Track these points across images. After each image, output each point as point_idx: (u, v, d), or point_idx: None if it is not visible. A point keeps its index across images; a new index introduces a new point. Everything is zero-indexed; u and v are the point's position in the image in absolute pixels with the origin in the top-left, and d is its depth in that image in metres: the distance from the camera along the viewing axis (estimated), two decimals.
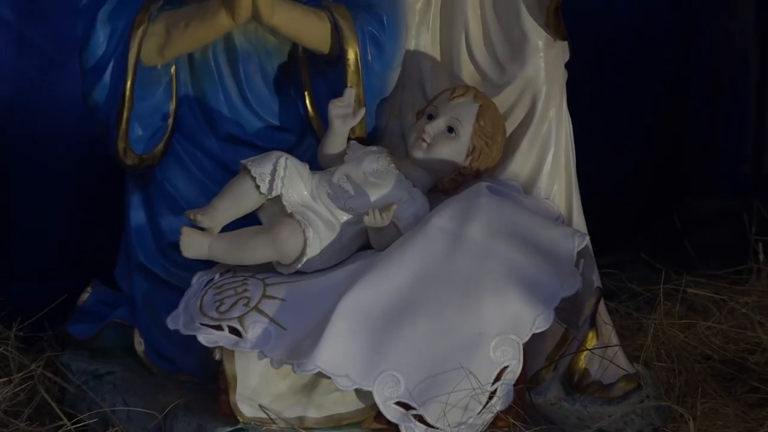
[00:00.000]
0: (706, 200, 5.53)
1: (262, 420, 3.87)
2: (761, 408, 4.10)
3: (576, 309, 4.04)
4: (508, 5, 4.15)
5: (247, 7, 3.92)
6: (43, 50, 5.04)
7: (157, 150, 4.14)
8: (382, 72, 4.13)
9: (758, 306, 4.46)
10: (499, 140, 4.10)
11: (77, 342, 4.29)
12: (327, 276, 3.96)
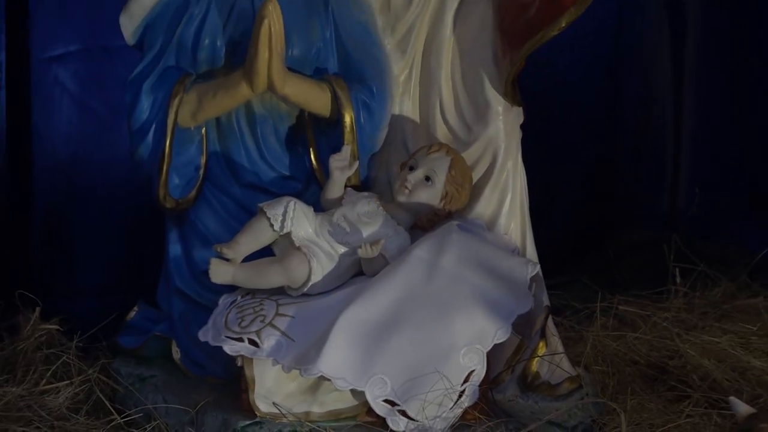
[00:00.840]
0: (632, 234, 5.54)
1: (275, 414, 3.88)
2: (679, 403, 4.10)
3: (529, 323, 4.06)
4: (473, 78, 4.17)
5: (263, 80, 3.95)
6: (101, 115, 5.04)
7: (191, 195, 4.15)
8: (372, 132, 4.16)
9: (676, 320, 4.49)
10: (467, 187, 4.12)
11: (126, 351, 4.30)
12: (328, 297, 3.97)
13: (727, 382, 4.19)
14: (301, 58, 4.09)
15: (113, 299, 4.59)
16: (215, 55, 4.11)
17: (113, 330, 4.37)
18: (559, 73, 5.21)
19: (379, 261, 3.99)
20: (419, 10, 4.20)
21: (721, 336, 4.35)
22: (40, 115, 5.06)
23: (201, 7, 4.09)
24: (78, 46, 5.07)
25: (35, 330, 4.34)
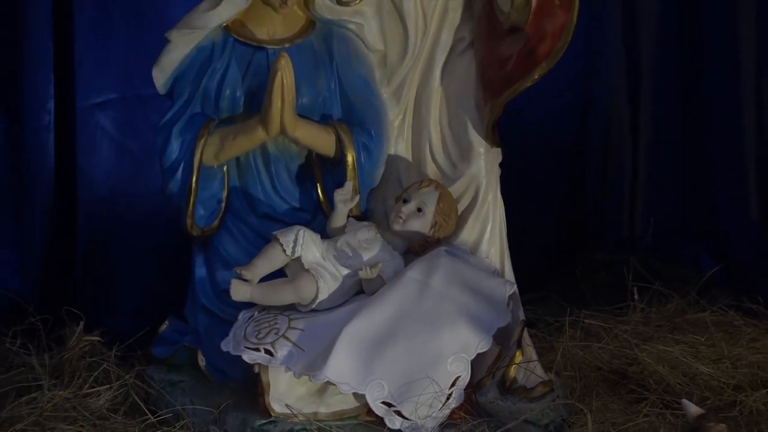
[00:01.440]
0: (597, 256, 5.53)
1: (288, 414, 3.88)
2: (637, 404, 4.10)
3: (507, 335, 4.05)
4: (458, 123, 4.17)
5: (276, 126, 3.95)
6: (136, 155, 5.04)
7: (214, 225, 4.14)
8: (371, 170, 4.15)
9: (634, 332, 4.48)
10: (453, 217, 4.12)
11: (158, 359, 4.29)
12: (333, 313, 3.97)
13: (679, 386, 4.18)
14: (309, 105, 4.09)
15: (147, 314, 4.58)
16: (235, 104, 4.10)
17: (147, 341, 4.37)
18: (533, 118, 5.21)
19: (378, 281, 3.99)
20: (411, 65, 4.20)
21: (674, 346, 4.35)
22: (84, 155, 5.06)
23: (223, 62, 4.09)
24: (116, 94, 5.08)
25: (80, 341, 4.34)
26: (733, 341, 4.39)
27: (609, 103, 5.56)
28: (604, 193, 5.64)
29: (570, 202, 5.57)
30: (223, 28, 4.12)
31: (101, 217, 5.09)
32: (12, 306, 4.68)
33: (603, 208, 5.65)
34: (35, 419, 3.90)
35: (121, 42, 5.05)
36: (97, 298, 5.03)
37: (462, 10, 4.18)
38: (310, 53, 4.12)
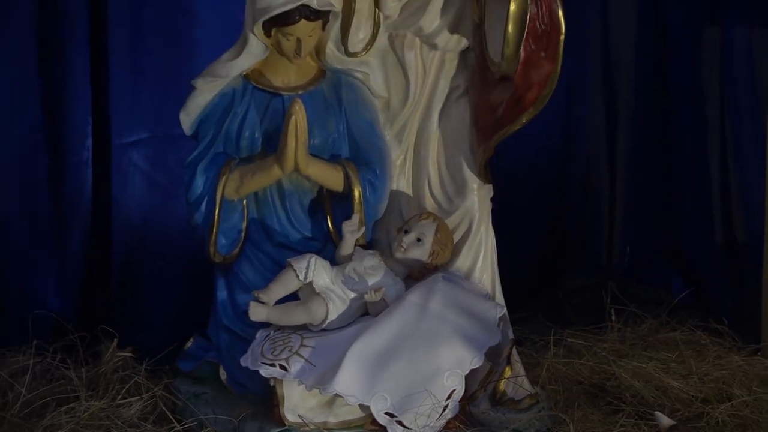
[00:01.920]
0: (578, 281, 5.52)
1: (300, 424, 3.87)
2: (615, 415, 4.07)
3: (498, 352, 4.04)
4: (454, 162, 4.17)
5: (291, 164, 3.95)
6: (165, 188, 5.04)
7: (234, 252, 4.13)
8: (376, 204, 4.15)
9: (612, 349, 4.46)
10: (449, 246, 4.11)
11: (183, 373, 4.27)
12: (341, 332, 3.95)
13: (652, 399, 4.15)
14: (320, 146, 4.08)
15: (174, 332, 4.55)
16: (254, 144, 4.09)
17: (174, 356, 4.35)
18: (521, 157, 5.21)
19: (381, 304, 3.98)
20: (412, 110, 4.19)
21: (647, 362, 4.32)
22: (118, 188, 5.06)
23: (243, 107, 4.09)
24: (148, 134, 5.08)
25: (113, 356, 4.32)
26: (700, 358, 4.37)
27: (589, 143, 5.56)
28: (584, 224, 5.63)
29: (554, 233, 5.57)
30: (243, 76, 4.12)
31: (134, 244, 5.08)
32: (53, 324, 4.66)
33: (583, 238, 5.64)
34: (73, 427, 3.89)
35: (152, 87, 5.05)
36: (129, 317, 5.01)
37: (457, 61, 4.18)
38: (321, 99, 4.12)
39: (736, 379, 4.22)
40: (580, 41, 5.34)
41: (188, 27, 5.04)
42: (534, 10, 3.85)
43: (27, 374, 4.20)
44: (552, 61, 3.89)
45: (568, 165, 5.52)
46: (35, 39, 4.97)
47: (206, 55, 4.57)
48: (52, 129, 5.02)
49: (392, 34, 4.17)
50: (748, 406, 4.07)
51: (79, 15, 4.98)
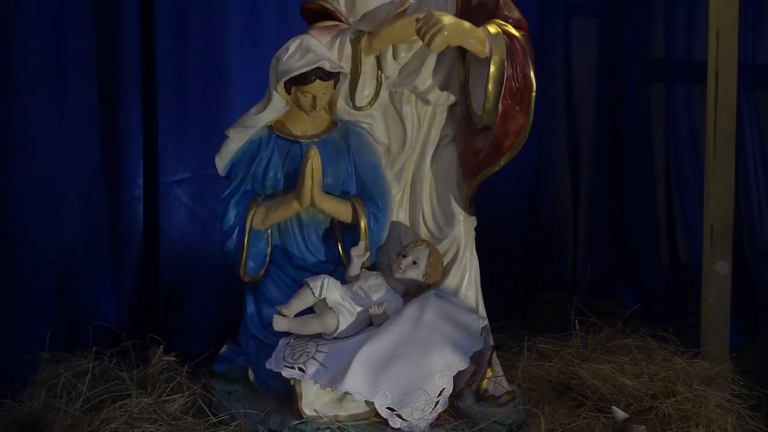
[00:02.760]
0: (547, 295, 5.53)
1: (315, 417, 3.83)
2: (579, 409, 4.05)
3: (481, 357, 4.02)
4: (444, 198, 4.14)
5: (308, 200, 3.94)
6: (204, 219, 5.04)
7: (261, 273, 4.10)
8: (379, 233, 4.11)
9: (576, 354, 4.42)
10: (440, 268, 4.08)
11: (218, 374, 4.23)
12: (349, 340, 3.92)
13: (610, 395, 4.12)
14: (332, 184, 4.06)
15: (211, 339, 4.52)
16: (277, 183, 4.07)
17: (211, 360, 4.31)
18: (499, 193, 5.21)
19: (383, 316, 3.95)
20: (408, 154, 4.17)
21: (606, 364, 4.28)
22: (165, 220, 5.05)
23: (268, 152, 4.07)
24: (190, 174, 5.07)
25: (160, 360, 4.28)
26: (650, 361, 4.32)
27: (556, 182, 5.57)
28: (552, 249, 5.63)
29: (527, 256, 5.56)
30: (267, 126, 4.10)
31: (177, 267, 5.06)
32: (109, 333, 4.63)
33: (551, 259, 5.64)
34: (125, 420, 3.85)
35: (194, 135, 5.05)
36: (173, 327, 4.99)
37: (446, 114, 4.16)
38: (332, 146, 4.09)
39: (680, 379, 4.18)
40: (548, 97, 5.35)
41: (223, 85, 5.04)
42: (510, 71, 3.85)
43: (87, 375, 4.16)
44: (525, 113, 3.89)
45: (538, 200, 5.52)
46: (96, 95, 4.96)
47: (237, 109, 4.59)
48: (110, 170, 5.02)
49: (392, 92, 4.15)
50: (690, 401, 4.04)
51: (134, 74, 4.99)
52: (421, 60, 4.06)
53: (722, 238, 4.54)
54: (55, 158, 4.90)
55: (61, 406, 3.99)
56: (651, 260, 5.45)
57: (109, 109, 4.97)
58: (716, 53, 4.48)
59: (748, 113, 5.16)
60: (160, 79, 4.97)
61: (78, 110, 4.93)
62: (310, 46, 3.98)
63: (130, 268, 5.03)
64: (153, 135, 5.01)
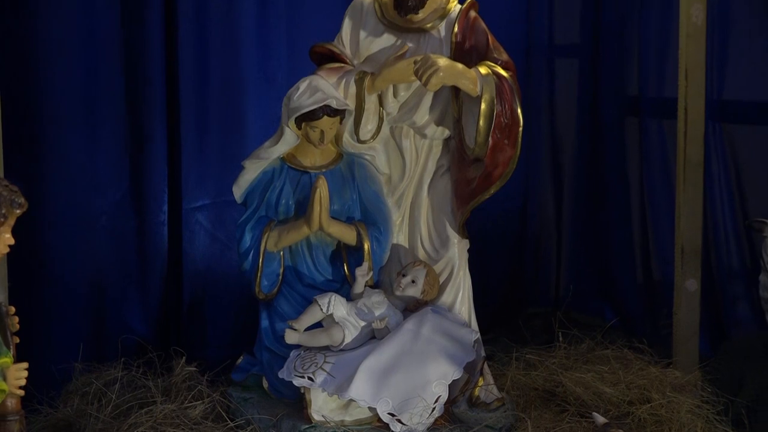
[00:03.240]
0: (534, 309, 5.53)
1: (323, 422, 3.83)
2: (562, 414, 4.04)
3: (473, 366, 4.01)
4: (440, 223, 4.13)
5: (316, 224, 3.94)
6: (223, 241, 5.02)
7: (274, 291, 4.09)
8: (381, 254, 4.10)
9: (560, 364, 4.40)
10: (436, 287, 4.07)
11: (235, 383, 4.22)
12: (354, 352, 3.91)
13: (591, 401, 4.11)
14: (338, 211, 4.05)
15: (229, 351, 4.53)
16: (288, 209, 4.07)
17: (228, 370, 4.30)
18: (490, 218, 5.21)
19: (385, 330, 3.94)
20: (407, 183, 4.17)
21: (587, 373, 4.26)
22: (187, 242, 5.03)
23: (280, 182, 4.07)
24: (210, 201, 5.05)
25: (182, 370, 4.26)
26: (627, 370, 4.31)
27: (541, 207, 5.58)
28: (538, 268, 5.63)
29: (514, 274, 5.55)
30: (280, 158, 4.10)
31: (198, 285, 5.03)
32: (137, 345, 4.64)
33: (537, 278, 5.64)
34: (151, 425, 3.85)
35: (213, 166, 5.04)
36: (194, 339, 4.96)
37: (442, 147, 4.16)
38: (339, 175, 4.09)
39: (654, 386, 4.17)
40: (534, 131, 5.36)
41: (240, 121, 5.03)
42: (499, 108, 3.86)
43: (116, 384, 4.16)
44: (513, 146, 3.91)
45: (525, 224, 5.53)
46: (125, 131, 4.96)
47: (253, 143, 4.59)
48: (137, 198, 5.01)
49: (392, 127, 4.15)
50: (663, 407, 4.03)
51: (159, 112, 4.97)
52: (418, 98, 4.07)
53: (691, 258, 4.54)
54: (87, 187, 4.89)
55: (92, 412, 3.99)
56: (627, 278, 5.44)
57: (137, 142, 4.97)
58: (685, 90, 4.50)
59: (714, 145, 5.15)
60: (183, 116, 4.97)
61: (108, 144, 4.92)
62: (318, 86, 3.99)
63: (155, 286, 5.01)
64: (176, 166, 5.01)
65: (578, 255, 5.57)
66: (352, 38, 4.12)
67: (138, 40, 4.89)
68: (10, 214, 3.11)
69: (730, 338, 5.06)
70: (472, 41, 4.01)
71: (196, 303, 5.02)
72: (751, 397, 4.29)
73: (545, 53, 5.42)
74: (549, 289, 5.56)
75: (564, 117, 5.50)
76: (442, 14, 4.05)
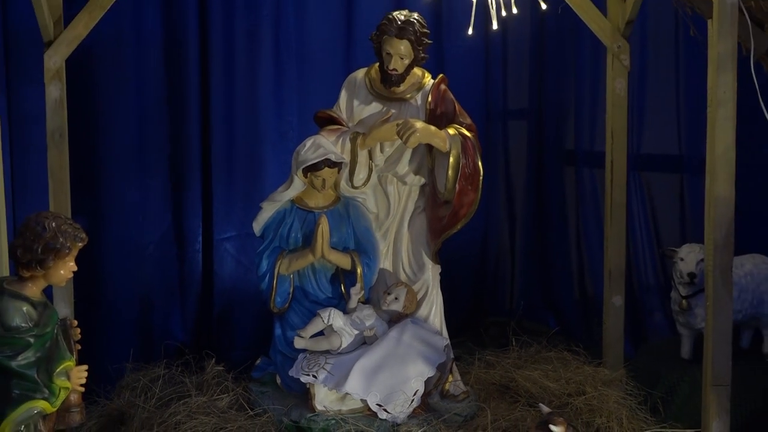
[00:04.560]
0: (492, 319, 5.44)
1: (325, 411, 3.79)
2: (515, 404, 4.00)
3: (444, 366, 3.96)
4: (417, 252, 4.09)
5: (319, 253, 3.92)
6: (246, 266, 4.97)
7: (285, 306, 4.05)
8: (370, 277, 4.06)
9: (513, 364, 4.35)
10: (414, 302, 4.03)
11: (255, 379, 4.16)
12: (349, 355, 3.87)
13: (538, 394, 4.07)
14: (337, 242, 4.02)
15: (250, 353, 4.49)
16: (297, 241, 4.04)
17: (249, 369, 4.25)
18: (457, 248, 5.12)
19: (374, 337, 3.91)
20: (391, 220, 4.13)
21: (534, 371, 4.23)
22: (218, 266, 5.00)
23: (290, 219, 4.04)
24: (236, 233, 5.02)
25: (212, 369, 4.20)
26: (566, 368, 4.27)
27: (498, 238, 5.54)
28: (495, 286, 5.58)
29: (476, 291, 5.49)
30: (290, 201, 4.08)
31: (226, 300, 4.99)
32: (176, 349, 4.60)
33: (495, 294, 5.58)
34: (187, 413, 3.81)
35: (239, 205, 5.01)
36: (223, 343, 4.92)
37: (419, 191, 4.14)
38: (337, 214, 4.06)
39: (588, 382, 4.14)
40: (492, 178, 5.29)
41: (259, 170, 5.01)
42: (464, 161, 3.86)
43: (159, 380, 4.11)
44: (475, 191, 3.90)
45: (485, 251, 5.49)
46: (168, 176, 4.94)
47: (269, 187, 4.56)
48: (178, 230, 4.99)
49: (380, 175, 4.13)
50: (595, 398, 4.00)
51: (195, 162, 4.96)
52: (400, 153, 4.05)
53: (617, 279, 4.52)
54: (138, 222, 4.88)
55: (140, 403, 3.95)
56: (567, 294, 5.41)
57: (178, 186, 4.96)
58: (611, 146, 4.49)
59: (635, 189, 5.16)
60: (214, 166, 4.96)
61: (155, 188, 4.91)
62: (320, 143, 3.97)
63: (192, 301, 4.97)
64: (209, 206, 4.99)
65: (528, 275, 5.53)
66: (347, 106, 4.11)
67: (179, 106, 4.89)
68: (73, 246, 3.09)
69: (648, 342, 5.04)
70: (443, 108, 4.00)
71: (224, 315, 4.97)
72: (665, 390, 4.28)
73: (500, 117, 5.43)
74: (505, 302, 5.52)
75: (516, 167, 5.49)
76: (418, 87, 4.05)
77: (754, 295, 4.33)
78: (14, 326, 2.99)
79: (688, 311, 4.35)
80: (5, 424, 2.98)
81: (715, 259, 3.57)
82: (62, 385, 3.05)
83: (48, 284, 3.11)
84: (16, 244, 3.04)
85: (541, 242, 5.49)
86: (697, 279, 4.26)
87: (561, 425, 3.19)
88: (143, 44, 4.79)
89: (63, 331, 3.13)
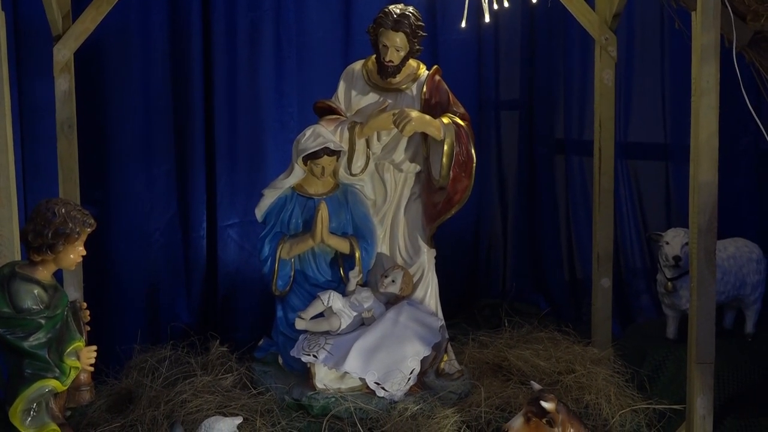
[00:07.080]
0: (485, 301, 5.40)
1: (325, 389, 3.79)
2: (507, 382, 4.01)
3: (439, 346, 3.96)
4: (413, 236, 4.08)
5: (319, 238, 3.92)
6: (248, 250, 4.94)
7: (287, 290, 4.04)
8: (368, 261, 4.05)
9: (505, 344, 4.34)
10: (411, 285, 4.02)
11: (257, 359, 4.17)
12: (348, 335, 3.87)
13: (529, 373, 4.07)
14: (336, 227, 4.02)
15: (253, 334, 4.49)
16: (297, 227, 4.03)
17: (252, 349, 4.25)
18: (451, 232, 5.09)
19: (371, 319, 3.91)
20: (388, 206, 4.12)
21: (526, 350, 4.23)
22: (222, 251, 4.98)
23: (291, 205, 4.03)
24: (239, 220, 5.00)
25: (217, 350, 4.20)
26: (556, 348, 4.27)
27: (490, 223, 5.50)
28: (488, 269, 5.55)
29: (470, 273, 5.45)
30: (291, 188, 4.07)
31: (229, 284, 4.97)
32: (182, 331, 4.57)
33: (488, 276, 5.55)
34: (193, 392, 3.81)
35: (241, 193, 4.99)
36: (227, 325, 4.90)
37: (414, 178, 4.13)
38: (336, 200, 4.05)
39: (577, 360, 4.14)
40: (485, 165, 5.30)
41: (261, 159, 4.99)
42: (458, 149, 3.85)
43: (166, 361, 4.11)
44: (469, 178, 3.89)
45: (478, 235, 5.46)
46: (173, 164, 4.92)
47: (271, 175, 4.54)
48: (183, 217, 4.97)
49: (377, 163, 4.12)
50: (584, 376, 4.00)
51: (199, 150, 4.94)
52: (396, 141, 4.04)
53: (605, 262, 4.51)
54: (145, 210, 4.86)
55: (147, 382, 3.95)
56: (557, 277, 5.40)
57: (183, 174, 4.94)
58: (599, 135, 4.48)
59: (622, 176, 5.15)
60: (218, 155, 4.94)
61: (161, 177, 4.89)
62: (320, 132, 3.96)
63: (197, 285, 4.96)
64: (213, 193, 4.96)
65: (520, 259, 5.52)
66: (345, 96, 4.10)
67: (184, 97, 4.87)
68: (82, 231, 3.09)
69: (635, 323, 5.04)
70: (437, 98, 3.99)
71: (228, 298, 4.96)
72: (651, 368, 4.28)
73: (493, 107, 5.41)
74: (497, 285, 5.50)
75: (507, 155, 5.47)
76: (413, 78, 4.03)
77: (737, 277, 4.34)
78: (26, 308, 2.99)
79: (674, 293, 4.36)
80: (18, 401, 2.99)
81: (699, 242, 3.56)
82: (72, 364, 3.06)
83: (58, 268, 3.11)
84: (27, 230, 3.04)
85: (532, 227, 5.48)
86: (682, 262, 4.26)
87: (551, 402, 3.20)
88: (149, 38, 4.77)
89: (73, 313, 3.14)
